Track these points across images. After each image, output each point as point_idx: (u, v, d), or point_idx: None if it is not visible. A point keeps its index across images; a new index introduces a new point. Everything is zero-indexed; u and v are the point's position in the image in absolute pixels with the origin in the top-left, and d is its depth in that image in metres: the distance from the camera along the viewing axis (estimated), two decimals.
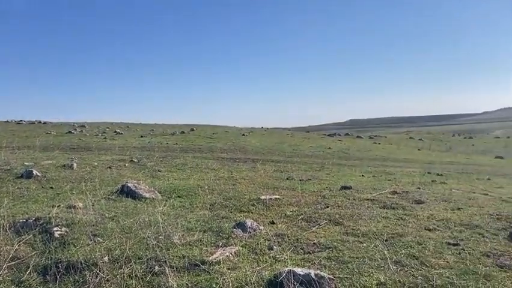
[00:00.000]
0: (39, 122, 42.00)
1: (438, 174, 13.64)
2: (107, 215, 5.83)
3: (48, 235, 5.05)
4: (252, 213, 6.21)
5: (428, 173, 14.07)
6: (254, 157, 17.69)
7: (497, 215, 5.98)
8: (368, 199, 7.25)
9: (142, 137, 27.59)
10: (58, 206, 6.27)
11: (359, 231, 5.15)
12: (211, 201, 6.88)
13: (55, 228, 5.25)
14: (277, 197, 7.16)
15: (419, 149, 28.55)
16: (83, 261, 4.09)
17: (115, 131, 33.94)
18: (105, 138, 26.27)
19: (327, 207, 6.57)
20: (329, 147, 23.26)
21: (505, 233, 5.06)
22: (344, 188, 8.24)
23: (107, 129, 36.45)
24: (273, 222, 5.64)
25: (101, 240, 4.80)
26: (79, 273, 3.93)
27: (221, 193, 7.53)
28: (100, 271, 3.94)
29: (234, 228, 5.22)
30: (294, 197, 7.34)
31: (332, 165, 14.85)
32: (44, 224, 5.38)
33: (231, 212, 6.21)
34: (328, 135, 45.01)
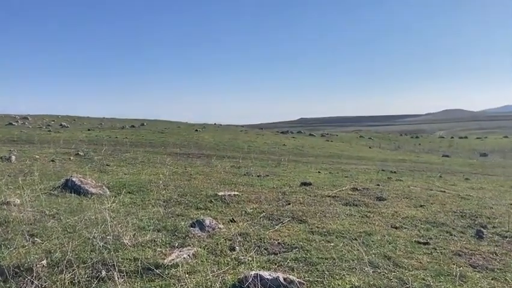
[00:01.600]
0: None
1: (392, 172, 13.78)
2: (47, 212, 5.22)
3: None
4: (210, 210, 5.79)
5: (383, 170, 14.18)
6: (208, 153, 17.22)
7: (460, 212, 5.92)
8: (329, 196, 7.03)
9: (89, 130, 26.31)
10: None
11: (324, 230, 4.87)
12: (164, 197, 6.39)
13: None
14: (236, 193, 6.77)
15: (370, 147, 29.09)
16: (15, 266, 3.53)
17: (61, 124, 32.27)
18: (49, 131, 24.82)
19: (289, 204, 6.27)
20: (284, 144, 23.15)
21: (471, 230, 4.97)
22: (304, 184, 7.99)
23: (53, 122, 34.61)
24: (233, 220, 5.25)
25: (39, 241, 4.22)
26: (10, 280, 3.37)
27: (176, 189, 7.04)
28: (35, 277, 3.40)
29: (191, 227, 4.79)
30: (253, 193, 6.99)
31: (288, 162, 14.65)
32: None
33: (187, 209, 5.76)
34: (281, 132, 45.16)
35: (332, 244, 4.32)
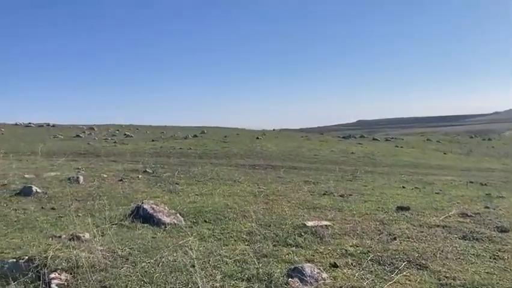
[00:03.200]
0: (48, 124, 41.10)
1: (483, 184, 12.26)
2: (119, 251, 4.56)
3: (44, 285, 3.81)
4: (302, 248, 4.90)
5: (471, 182, 12.66)
6: (275, 163, 16.40)
7: None
8: (437, 225, 5.91)
9: (153, 141, 26.40)
10: (59, 237, 5.05)
11: (458, 282, 3.82)
12: (246, 228, 5.59)
13: (52, 275, 3.99)
14: (326, 223, 5.84)
15: (444, 153, 27.04)
16: None
17: (125, 134, 32.89)
18: (115, 142, 25.14)
19: (394, 238, 5.24)
20: (352, 152, 21.83)
21: None
22: (401, 208, 6.89)
23: (117, 132, 35.41)
24: (335, 265, 4.31)
25: None
26: None
27: (256, 216, 6.22)
28: None
29: (289, 276, 3.91)
30: (345, 222, 6.03)
31: (362, 173, 13.50)
32: (39, 268, 4.13)
33: (276, 247, 4.90)
34: (343, 137, 43.57)
35: None
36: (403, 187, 10.64)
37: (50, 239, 5.00)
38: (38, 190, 7.25)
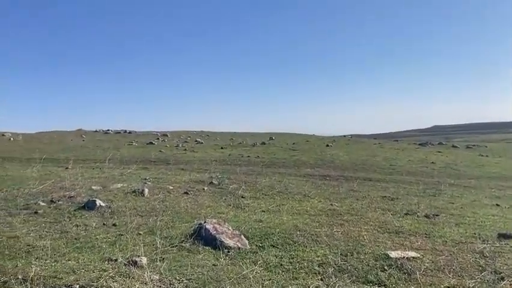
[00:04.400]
0: (125, 131, 42.92)
1: None
2: (176, 284, 4.07)
3: None
4: (386, 287, 4.11)
5: None
6: (346, 174, 15.45)
7: None
8: None
9: (222, 148, 26.41)
10: (115, 261, 4.68)
11: None
12: (319, 258, 4.88)
13: None
14: (413, 254, 4.97)
15: None
16: None
17: (196, 140, 33.39)
18: (185, 149, 25.45)
19: (502, 278, 4.27)
20: (432, 162, 20.17)
21: None
22: (503, 236, 5.81)
23: (189, 139, 36.10)
24: None
25: None
26: None
27: (329, 241, 5.51)
28: None
29: None
30: (437, 253, 5.11)
31: (446, 187, 12.18)
32: None
33: (354, 284, 4.16)
34: (419, 144, 41.09)
35: None
36: (497, 205, 9.34)
37: (106, 262, 4.66)
38: (102, 204, 7.06)
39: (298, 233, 5.86)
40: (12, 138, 33.49)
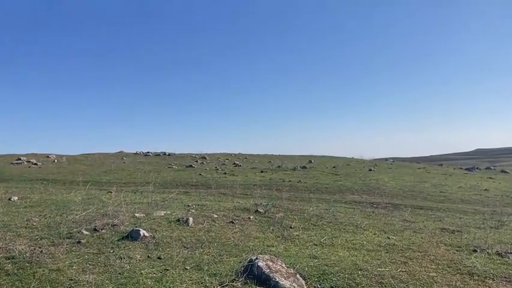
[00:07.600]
0: (164, 153, 43.41)
1: None
2: None
3: None
4: None
5: None
6: (395, 201, 14.64)
7: None
8: None
9: (262, 172, 25.98)
10: None
11: None
12: None
13: None
14: None
15: None
16: None
17: (234, 163, 33.18)
18: (225, 173, 25.20)
19: None
20: (485, 189, 18.96)
21: None
22: None
23: (227, 161, 36.00)
24: None
25: None
26: None
27: (396, 285, 4.91)
28: None
29: None
30: None
31: (509, 218, 11.21)
32: None
33: None
34: (466, 169, 39.28)
35: None
36: None
37: None
38: (146, 234, 6.73)
39: (359, 272, 5.30)
40: (56, 160, 34.44)
